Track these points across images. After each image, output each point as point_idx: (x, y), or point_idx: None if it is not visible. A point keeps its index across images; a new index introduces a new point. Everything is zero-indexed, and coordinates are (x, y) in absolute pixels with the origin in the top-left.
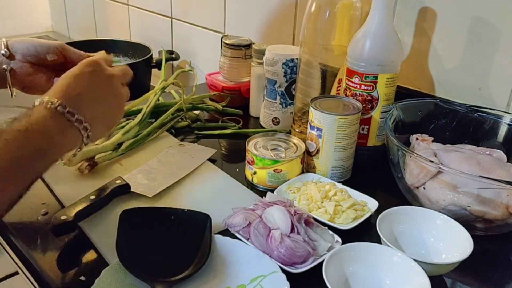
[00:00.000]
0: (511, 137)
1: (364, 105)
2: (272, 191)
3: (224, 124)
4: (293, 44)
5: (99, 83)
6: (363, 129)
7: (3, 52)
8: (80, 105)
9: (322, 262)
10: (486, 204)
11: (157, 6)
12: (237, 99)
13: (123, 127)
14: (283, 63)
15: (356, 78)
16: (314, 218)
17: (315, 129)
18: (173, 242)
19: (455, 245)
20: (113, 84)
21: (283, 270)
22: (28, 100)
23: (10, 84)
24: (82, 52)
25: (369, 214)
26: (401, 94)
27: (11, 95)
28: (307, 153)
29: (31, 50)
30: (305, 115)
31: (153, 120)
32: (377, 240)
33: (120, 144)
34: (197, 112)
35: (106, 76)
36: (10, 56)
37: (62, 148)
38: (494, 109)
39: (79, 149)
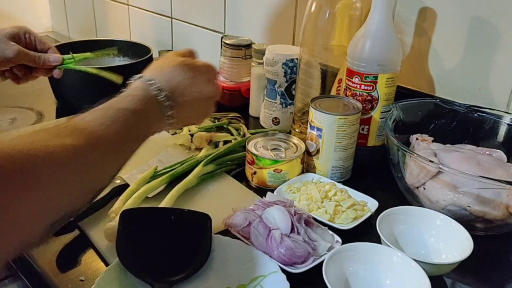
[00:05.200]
0: (511, 137)
1: (364, 105)
2: (272, 191)
3: (221, 123)
4: (293, 44)
5: (204, 89)
6: (363, 129)
7: None
8: (178, 102)
9: (322, 262)
10: (486, 204)
11: (157, 6)
12: (237, 99)
13: None
14: (283, 63)
15: (356, 78)
16: (314, 218)
17: (315, 129)
18: (173, 242)
19: (455, 245)
20: (214, 95)
21: (283, 270)
22: (29, 100)
23: None
24: (35, 54)
25: (369, 214)
26: (401, 94)
27: None
28: (307, 153)
29: None
30: (305, 115)
31: None
32: (377, 240)
33: None
34: None
35: (212, 87)
36: None
37: (151, 133)
38: (494, 109)
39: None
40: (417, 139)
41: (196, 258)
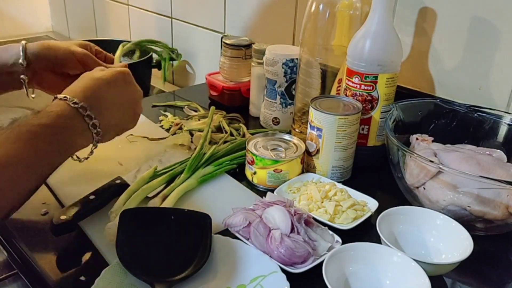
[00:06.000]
0: (511, 137)
1: (364, 105)
2: (272, 191)
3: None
4: (293, 44)
5: (122, 93)
6: (363, 129)
7: (20, 61)
8: (98, 109)
9: (322, 262)
10: (486, 204)
11: (157, 6)
12: (237, 99)
13: None
14: (283, 63)
15: (356, 78)
16: (314, 218)
17: (315, 129)
18: (173, 242)
19: (455, 245)
20: (135, 96)
21: (283, 270)
22: (28, 100)
23: (27, 90)
24: (103, 63)
25: (369, 214)
26: (401, 94)
27: (28, 95)
28: (307, 153)
29: (54, 64)
30: (305, 115)
31: None
32: (377, 240)
33: None
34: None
35: (131, 89)
36: (27, 66)
37: (77, 147)
38: (494, 109)
39: (95, 147)
40: (417, 139)
41: (196, 258)
